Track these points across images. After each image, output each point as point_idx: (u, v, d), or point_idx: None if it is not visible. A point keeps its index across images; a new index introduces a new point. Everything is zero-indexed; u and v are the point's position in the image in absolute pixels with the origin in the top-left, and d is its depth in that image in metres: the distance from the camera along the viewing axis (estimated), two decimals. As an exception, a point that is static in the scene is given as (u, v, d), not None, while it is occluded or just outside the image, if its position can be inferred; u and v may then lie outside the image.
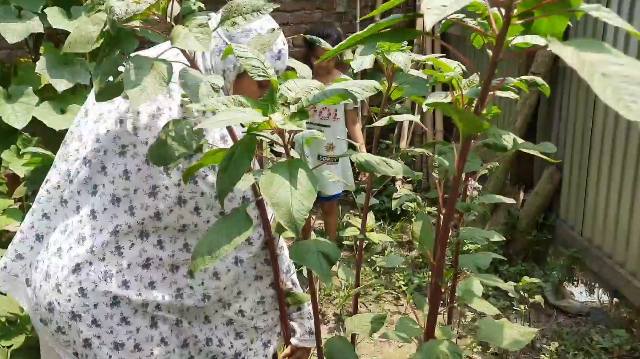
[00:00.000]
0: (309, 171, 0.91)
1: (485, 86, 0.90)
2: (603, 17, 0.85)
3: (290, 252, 1.03)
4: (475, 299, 1.16)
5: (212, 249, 0.93)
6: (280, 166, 0.92)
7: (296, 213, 0.85)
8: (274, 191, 0.86)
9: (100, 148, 1.20)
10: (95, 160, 1.19)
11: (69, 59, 2.56)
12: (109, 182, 1.17)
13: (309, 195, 0.87)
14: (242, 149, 0.96)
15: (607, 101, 0.62)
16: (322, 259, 1.01)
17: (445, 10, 0.65)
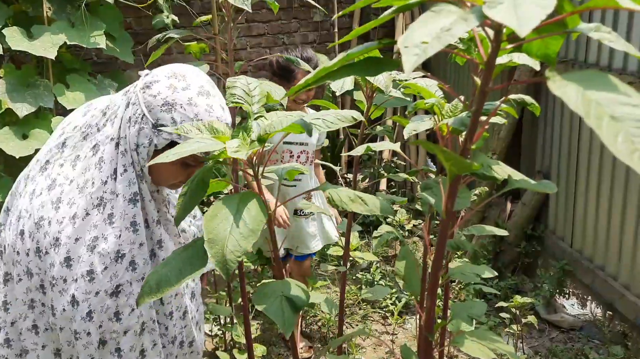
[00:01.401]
0: (261, 207, 0.85)
1: (474, 119, 0.79)
2: (604, 38, 0.75)
3: (253, 295, 0.94)
4: (467, 342, 1.06)
5: (160, 284, 0.90)
6: (232, 198, 0.87)
7: (229, 254, 0.79)
8: (214, 226, 0.82)
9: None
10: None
11: (32, 82, 2.43)
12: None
13: (250, 236, 0.81)
14: (198, 180, 0.94)
15: (618, 154, 0.52)
16: (286, 306, 0.91)
17: (426, 49, 0.55)
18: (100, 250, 1.13)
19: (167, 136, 1.09)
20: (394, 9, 0.78)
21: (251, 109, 0.95)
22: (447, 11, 0.65)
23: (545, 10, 0.55)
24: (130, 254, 1.15)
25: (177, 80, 1.10)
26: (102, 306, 1.14)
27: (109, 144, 1.15)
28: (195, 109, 1.08)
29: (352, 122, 0.99)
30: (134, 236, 1.15)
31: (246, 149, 0.83)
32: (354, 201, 0.98)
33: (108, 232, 1.14)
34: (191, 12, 3.41)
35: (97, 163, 1.15)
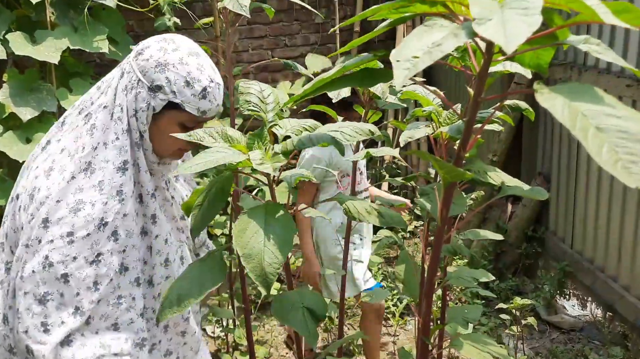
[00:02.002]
0: (286, 218, 0.85)
1: (467, 128, 0.81)
2: (593, 50, 0.77)
3: (272, 308, 0.94)
4: (465, 345, 1.08)
5: (182, 298, 0.90)
6: (257, 210, 0.87)
7: (268, 267, 0.79)
8: (247, 241, 0.81)
9: None
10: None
11: (35, 86, 2.45)
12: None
13: (284, 246, 0.81)
14: (217, 189, 0.94)
15: (603, 164, 0.54)
16: (309, 318, 0.92)
17: (416, 63, 0.57)
18: (85, 215, 1.10)
19: (163, 97, 1.11)
20: (389, 22, 0.81)
21: (266, 117, 0.96)
22: (439, 26, 0.67)
23: (531, 27, 0.57)
24: (114, 224, 1.12)
25: (167, 43, 1.13)
26: (80, 273, 1.10)
27: (102, 112, 1.15)
28: (187, 68, 1.11)
29: (368, 136, 1.00)
30: (119, 206, 1.13)
31: (270, 162, 0.84)
32: (370, 213, 0.99)
33: (96, 199, 1.11)
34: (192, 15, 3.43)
35: (88, 130, 1.15)
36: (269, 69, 4.67)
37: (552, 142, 3.05)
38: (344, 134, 0.95)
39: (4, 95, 2.34)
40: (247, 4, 1.57)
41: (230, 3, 1.59)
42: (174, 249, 1.26)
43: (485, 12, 0.61)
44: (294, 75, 4.72)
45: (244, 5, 1.56)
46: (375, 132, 0.99)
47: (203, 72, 1.12)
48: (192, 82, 1.11)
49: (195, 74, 1.11)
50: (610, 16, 0.61)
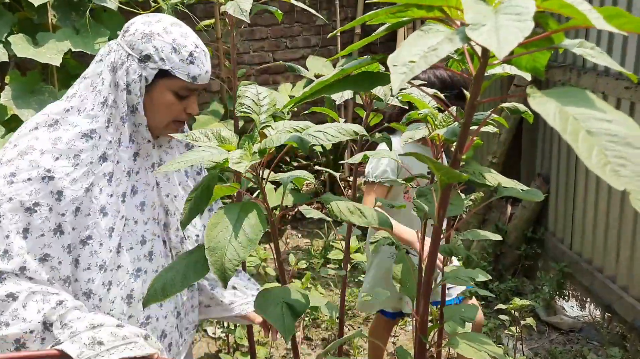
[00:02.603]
0: (260, 218, 0.88)
1: (463, 131, 0.83)
2: (587, 54, 0.78)
3: (255, 301, 0.96)
4: (462, 344, 1.09)
5: (166, 288, 0.92)
6: (233, 207, 0.90)
7: (227, 262, 0.82)
8: (215, 234, 0.84)
9: None
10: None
11: (37, 88, 2.47)
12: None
13: (248, 245, 0.84)
14: (204, 187, 0.96)
15: (592, 167, 0.55)
16: (286, 312, 0.94)
17: (413, 67, 0.58)
18: (31, 160, 1.10)
19: (153, 66, 1.15)
20: (387, 26, 0.82)
21: (258, 119, 0.98)
22: (434, 31, 0.68)
23: (523, 33, 0.58)
24: (61, 183, 1.11)
25: (150, 18, 1.19)
26: (13, 216, 1.08)
27: (83, 82, 1.19)
28: (172, 36, 1.16)
29: (352, 136, 1.01)
30: (71, 169, 1.12)
31: (248, 161, 0.86)
32: (352, 212, 1.01)
33: (46, 149, 1.11)
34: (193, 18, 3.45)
35: (68, 97, 1.18)
36: (270, 71, 4.69)
37: (552, 143, 3.06)
38: (326, 135, 0.97)
39: (6, 97, 2.36)
40: (247, 9, 1.59)
41: (232, 8, 1.60)
42: (137, 238, 1.24)
43: (479, 18, 0.62)
44: (294, 77, 4.74)
45: (244, 10, 1.58)
46: (360, 132, 1.01)
47: (187, 38, 1.17)
48: (178, 48, 1.15)
49: (181, 41, 1.16)
50: (602, 21, 0.62)
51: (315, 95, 0.81)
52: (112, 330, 1.06)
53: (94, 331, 1.06)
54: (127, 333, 1.07)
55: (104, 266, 1.18)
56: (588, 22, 0.62)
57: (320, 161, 4.58)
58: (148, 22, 1.17)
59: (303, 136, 0.89)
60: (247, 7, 1.62)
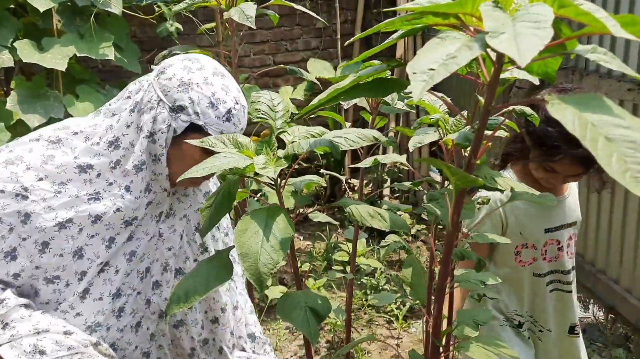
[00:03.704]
0: (288, 221, 0.88)
1: (478, 136, 0.84)
2: (600, 59, 0.79)
3: (277, 307, 0.96)
4: (472, 346, 1.10)
5: (189, 294, 0.92)
6: (260, 212, 0.90)
7: (262, 267, 0.82)
8: (245, 240, 0.84)
9: None
10: None
11: (42, 93, 2.48)
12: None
13: (280, 249, 0.84)
14: (225, 192, 0.96)
15: (613, 174, 0.56)
16: (311, 317, 0.94)
17: (433, 75, 0.59)
18: (12, 172, 1.02)
19: (185, 118, 1.04)
20: (400, 34, 0.83)
21: (274, 124, 0.99)
22: (452, 38, 0.69)
23: (543, 41, 0.59)
24: (33, 206, 1.02)
25: (191, 62, 1.07)
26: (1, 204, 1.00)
27: (108, 119, 1.10)
28: (212, 88, 1.05)
29: (372, 142, 1.02)
30: (51, 194, 1.03)
31: (273, 167, 0.87)
32: (373, 216, 1.02)
33: (33, 166, 1.04)
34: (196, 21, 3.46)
35: (88, 125, 1.11)
36: (271, 74, 4.71)
37: (554, 145, 3.08)
38: (347, 140, 0.98)
39: (12, 102, 2.37)
40: (252, 15, 1.59)
41: (236, 14, 1.60)
42: (110, 289, 1.10)
43: (498, 26, 0.63)
44: (295, 79, 4.75)
45: (249, 16, 1.58)
46: (380, 138, 1.01)
47: (228, 93, 1.07)
48: (216, 103, 1.05)
49: (220, 95, 1.06)
50: (619, 29, 0.63)
51: (331, 102, 0.82)
52: (57, 338, 0.98)
53: (37, 337, 0.97)
54: (74, 342, 0.98)
55: (61, 308, 1.06)
56: (606, 29, 0.63)
57: (320, 163, 4.59)
58: (188, 68, 1.06)
59: (334, 139, 0.90)
60: (251, 13, 1.63)
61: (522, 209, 1.56)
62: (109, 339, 1.11)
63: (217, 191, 0.98)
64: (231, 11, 1.64)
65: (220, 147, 0.96)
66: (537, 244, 1.58)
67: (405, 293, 3.30)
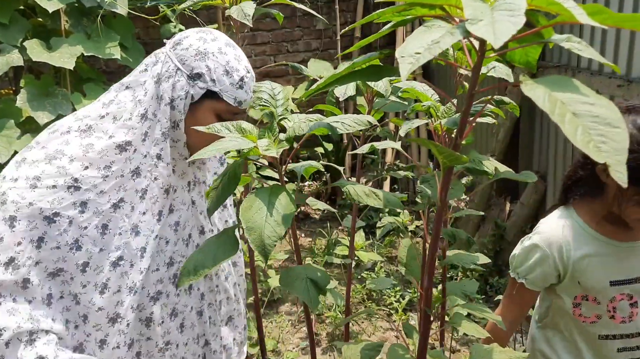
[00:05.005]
0: (290, 199, 0.94)
1: (463, 118, 0.91)
2: (574, 48, 0.86)
3: (279, 278, 1.03)
4: (464, 322, 1.17)
5: (197, 268, 0.97)
6: (263, 191, 0.96)
7: (267, 239, 0.88)
8: (251, 216, 0.90)
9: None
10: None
11: (50, 91, 2.56)
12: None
13: (283, 223, 0.90)
14: (230, 174, 1.02)
15: (577, 143, 0.63)
16: (311, 287, 1.02)
17: (418, 58, 0.67)
18: (60, 166, 1.04)
19: (202, 85, 1.10)
20: (393, 24, 0.91)
21: (276, 111, 1.05)
22: (437, 26, 0.77)
23: (515, 26, 0.66)
24: (87, 195, 1.05)
25: (205, 34, 1.14)
26: (30, 222, 1.01)
27: (123, 91, 1.13)
28: (226, 57, 1.12)
29: (367, 126, 1.09)
30: (100, 180, 1.07)
31: (275, 148, 0.93)
32: (368, 195, 1.09)
33: (76, 157, 1.06)
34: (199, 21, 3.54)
35: (105, 103, 1.13)
36: (271, 75, 4.79)
37: (549, 142, 3.15)
38: (344, 124, 1.04)
39: (22, 100, 2.44)
40: (250, 14, 1.65)
41: (235, 12, 1.67)
42: (165, 259, 1.18)
43: (477, 14, 0.71)
44: (295, 80, 4.84)
45: (247, 14, 1.64)
46: (373, 122, 1.08)
47: (240, 62, 1.14)
48: (230, 71, 1.11)
49: (234, 64, 1.12)
50: (585, 17, 0.70)
51: (329, 86, 0.89)
52: None
53: None
54: None
55: (134, 288, 1.11)
56: (573, 17, 0.70)
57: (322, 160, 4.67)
58: (203, 39, 1.12)
59: (331, 123, 0.97)
60: (250, 11, 1.68)
61: (581, 253, 1.28)
62: (170, 304, 1.19)
63: (223, 173, 1.04)
64: (232, 9, 1.70)
65: (224, 132, 1.03)
66: (601, 299, 1.29)
67: (404, 286, 3.37)
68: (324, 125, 0.98)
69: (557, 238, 1.29)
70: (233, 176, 1.01)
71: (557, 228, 1.31)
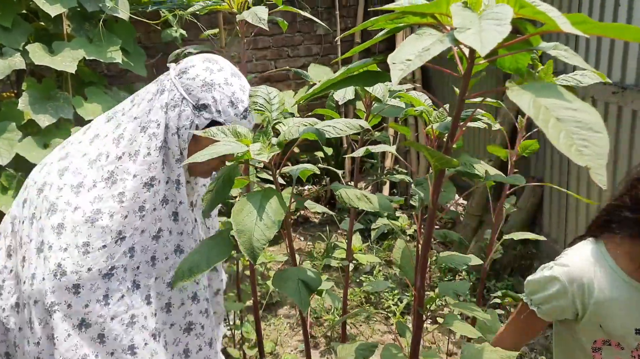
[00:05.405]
0: (281, 202, 0.96)
1: (454, 122, 0.93)
2: (560, 55, 0.89)
3: (272, 279, 1.06)
4: (456, 322, 1.19)
5: (192, 269, 1.00)
6: (255, 194, 0.98)
7: (255, 242, 0.90)
8: (241, 219, 0.92)
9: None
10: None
11: (52, 94, 2.59)
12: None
13: (272, 226, 0.92)
14: (225, 177, 1.04)
15: (560, 147, 0.66)
16: (302, 288, 1.04)
17: (409, 64, 0.69)
18: (104, 226, 1.09)
19: (207, 116, 1.13)
20: (386, 31, 0.94)
21: (271, 116, 1.08)
22: (428, 34, 0.80)
23: (501, 34, 0.69)
24: (132, 240, 1.12)
25: (212, 64, 1.16)
26: (92, 285, 1.08)
27: (132, 123, 1.15)
28: (232, 88, 1.15)
29: (359, 130, 1.12)
30: (139, 222, 1.13)
31: (267, 152, 0.96)
32: (360, 199, 1.11)
33: (115, 210, 1.10)
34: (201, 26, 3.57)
35: (115, 139, 1.14)
36: (272, 80, 4.82)
37: (545, 147, 3.18)
38: (335, 129, 1.07)
39: (24, 103, 2.47)
40: (265, 18, 1.65)
41: (250, 16, 1.68)
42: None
43: (466, 22, 0.74)
44: (296, 85, 4.87)
45: (262, 18, 1.65)
46: (365, 126, 1.10)
47: (245, 92, 1.17)
48: (236, 102, 1.14)
49: (239, 95, 1.16)
50: (569, 26, 0.73)
51: (325, 91, 0.92)
52: None
53: None
54: None
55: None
56: (557, 26, 0.73)
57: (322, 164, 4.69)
58: (210, 69, 1.15)
59: (320, 128, 0.99)
60: (264, 15, 1.69)
61: (607, 296, 1.18)
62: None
63: (218, 176, 1.06)
64: (244, 13, 1.69)
65: (220, 136, 1.05)
66: (626, 345, 1.21)
67: (402, 289, 3.39)
68: (312, 130, 1.00)
69: (581, 276, 1.20)
70: (228, 179, 1.03)
71: (583, 265, 1.22)
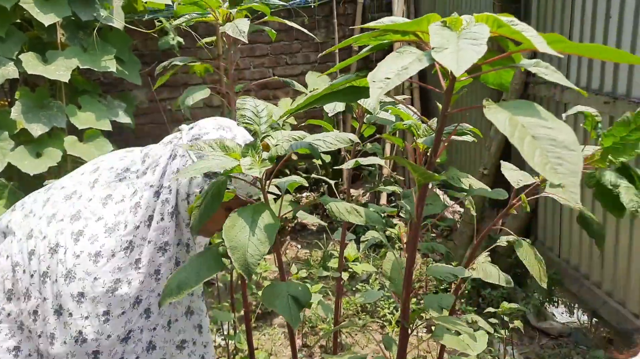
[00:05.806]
0: (273, 218, 0.96)
1: (437, 137, 0.94)
2: (540, 72, 0.90)
3: (262, 295, 1.06)
4: (446, 336, 1.19)
5: (181, 286, 1.00)
6: (246, 210, 0.98)
7: (250, 258, 0.90)
8: (234, 235, 0.92)
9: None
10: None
11: (45, 103, 2.59)
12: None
13: (266, 241, 0.92)
14: (213, 192, 1.04)
15: (534, 166, 0.66)
16: (292, 303, 1.03)
17: (388, 83, 0.70)
18: (123, 294, 1.15)
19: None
20: (370, 48, 0.94)
21: (259, 129, 1.08)
22: (408, 52, 0.81)
23: (478, 54, 0.70)
24: (147, 302, 1.18)
25: (225, 132, 1.19)
26: (111, 351, 1.15)
27: (148, 191, 1.18)
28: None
29: (348, 144, 1.13)
30: (155, 284, 1.18)
31: (258, 167, 0.96)
32: (350, 212, 1.12)
33: (132, 277, 1.16)
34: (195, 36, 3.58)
35: (132, 207, 1.18)
36: (271, 87, 4.83)
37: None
38: (326, 142, 1.07)
39: (17, 112, 2.47)
40: (245, 30, 1.68)
41: (230, 29, 1.71)
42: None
43: (443, 42, 0.74)
44: (294, 92, 4.88)
45: (242, 31, 1.67)
46: (355, 140, 1.11)
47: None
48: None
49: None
50: (544, 45, 0.74)
51: (308, 106, 0.93)
52: None
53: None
54: None
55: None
56: (532, 46, 0.74)
57: (319, 173, 4.70)
58: (223, 138, 1.14)
59: (311, 142, 0.99)
60: (244, 28, 1.72)
61: None
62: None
63: (206, 191, 1.06)
64: (226, 26, 1.74)
65: (208, 150, 1.05)
66: None
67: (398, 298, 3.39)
68: (304, 145, 1.00)
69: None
70: (217, 194, 1.03)
71: None
